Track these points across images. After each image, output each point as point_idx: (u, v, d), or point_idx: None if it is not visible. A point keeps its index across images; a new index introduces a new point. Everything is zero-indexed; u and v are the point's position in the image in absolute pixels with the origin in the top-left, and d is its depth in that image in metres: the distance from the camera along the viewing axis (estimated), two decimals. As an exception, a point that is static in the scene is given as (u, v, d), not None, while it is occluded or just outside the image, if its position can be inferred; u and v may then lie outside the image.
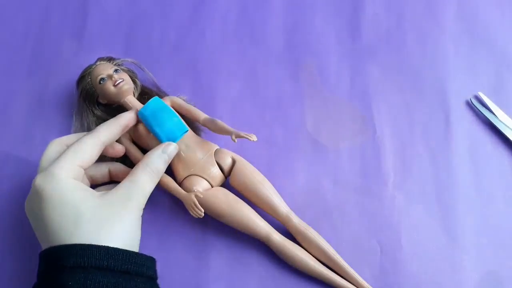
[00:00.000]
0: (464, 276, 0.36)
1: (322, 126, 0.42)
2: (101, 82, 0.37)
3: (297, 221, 0.36)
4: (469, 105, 0.42)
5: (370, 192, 0.39)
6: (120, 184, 0.31)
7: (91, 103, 0.39)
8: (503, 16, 0.46)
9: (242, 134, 0.35)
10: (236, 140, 0.35)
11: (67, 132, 0.41)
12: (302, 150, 0.41)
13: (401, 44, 0.45)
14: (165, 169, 0.34)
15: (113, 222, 0.28)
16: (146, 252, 0.29)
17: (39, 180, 0.29)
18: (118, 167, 0.37)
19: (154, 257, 0.30)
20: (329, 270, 0.35)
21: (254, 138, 0.35)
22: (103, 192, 0.30)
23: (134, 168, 0.32)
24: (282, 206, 0.36)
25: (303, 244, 0.36)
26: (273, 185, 0.37)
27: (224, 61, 0.44)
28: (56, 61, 0.44)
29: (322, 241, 0.36)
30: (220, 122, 0.37)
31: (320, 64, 0.44)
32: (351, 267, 0.35)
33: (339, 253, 0.36)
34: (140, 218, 0.31)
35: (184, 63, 0.44)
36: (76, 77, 0.40)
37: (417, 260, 0.37)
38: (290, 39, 0.45)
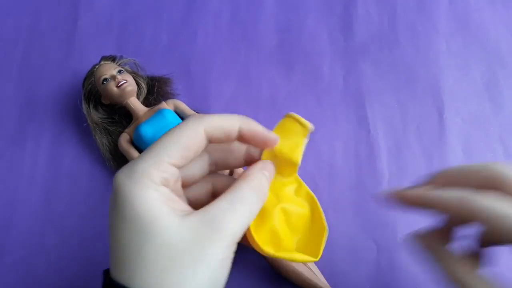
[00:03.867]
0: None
1: (316, 125, 0.41)
2: (104, 82, 0.37)
3: None
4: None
5: (365, 191, 0.39)
6: (219, 200, 0.22)
7: (94, 103, 0.39)
8: (495, 12, 0.46)
9: None
10: None
11: (60, 136, 0.40)
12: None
13: (393, 42, 0.45)
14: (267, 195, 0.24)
15: (194, 263, 0.20)
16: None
17: (120, 176, 0.21)
18: (226, 181, 0.26)
19: None
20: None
21: None
22: (191, 212, 0.21)
23: (236, 182, 0.23)
24: None
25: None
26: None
27: (217, 61, 0.44)
28: (47, 64, 0.44)
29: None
30: None
31: (313, 63, 0.44)
32: (347, 266, 0.35)
33: (334, 252, 0.35)
34: (232, 254, 0.22)
35: (177, 64, 0.44)
36: (67, 80, 0.39)
37: (414, 259, 0.37)
38: (282, 39, 0.45)
